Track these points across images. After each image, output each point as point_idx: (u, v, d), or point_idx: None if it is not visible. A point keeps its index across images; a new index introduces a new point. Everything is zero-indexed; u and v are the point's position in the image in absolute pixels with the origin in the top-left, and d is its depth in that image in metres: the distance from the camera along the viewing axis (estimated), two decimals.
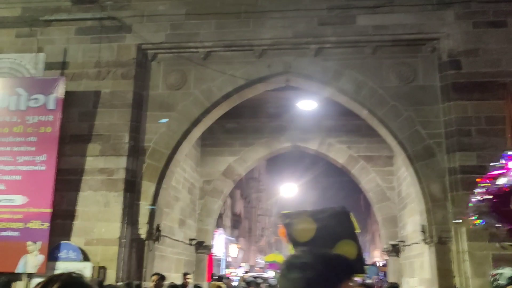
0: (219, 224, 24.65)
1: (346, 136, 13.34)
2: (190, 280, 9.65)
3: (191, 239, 12.32)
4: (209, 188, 13.32)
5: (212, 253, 17.09)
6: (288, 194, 34.27)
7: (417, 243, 10.33)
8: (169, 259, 10.41)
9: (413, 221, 10.82)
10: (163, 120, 8.89)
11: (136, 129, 8.82)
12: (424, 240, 8.60)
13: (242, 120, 13.45)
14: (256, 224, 36.61)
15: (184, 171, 11.79)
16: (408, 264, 11.44)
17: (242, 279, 14.16)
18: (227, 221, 33.88)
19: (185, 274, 9.65)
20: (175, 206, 10.98)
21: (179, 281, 10.77)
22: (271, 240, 46.11)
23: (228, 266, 27.01)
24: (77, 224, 8.33)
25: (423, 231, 8.50)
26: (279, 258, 21.77)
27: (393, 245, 12.41)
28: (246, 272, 25.39)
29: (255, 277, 12.69)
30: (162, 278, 7.17)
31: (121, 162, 8.54)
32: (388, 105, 8.58)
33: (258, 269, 30.82)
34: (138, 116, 8.92)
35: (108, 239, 8.16)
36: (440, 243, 8.04)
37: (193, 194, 12.74)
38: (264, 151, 13.48)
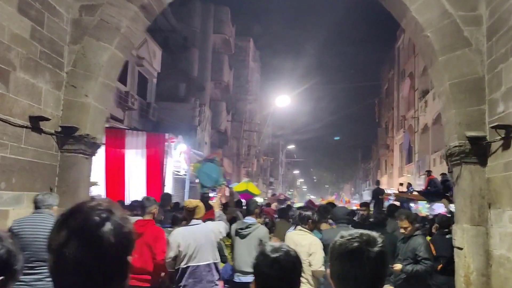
0: (178, 132, 17.97)
1: None
2: None
3: (39, 118, 5.62)
4: (92, 21, 6.44)
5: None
6: (282, 106, 28.00)
7: None
8: None
9: None
10: None
11: None
12: None
13: None
14: (242, 141, 30.14)
15: None
16: None
17: None
18: (205, 136, 27.49)
19: None
20: None
21: None
22: (264, 163, 40.00)
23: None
24: None
25: None
26: (251, 187, 15.80)
27: (474, 139, 5.76)
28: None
29: None
30: None
31: None
32: None
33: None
34: None
35: None
36: None
37: (51, 28, 5.89)
38: None
